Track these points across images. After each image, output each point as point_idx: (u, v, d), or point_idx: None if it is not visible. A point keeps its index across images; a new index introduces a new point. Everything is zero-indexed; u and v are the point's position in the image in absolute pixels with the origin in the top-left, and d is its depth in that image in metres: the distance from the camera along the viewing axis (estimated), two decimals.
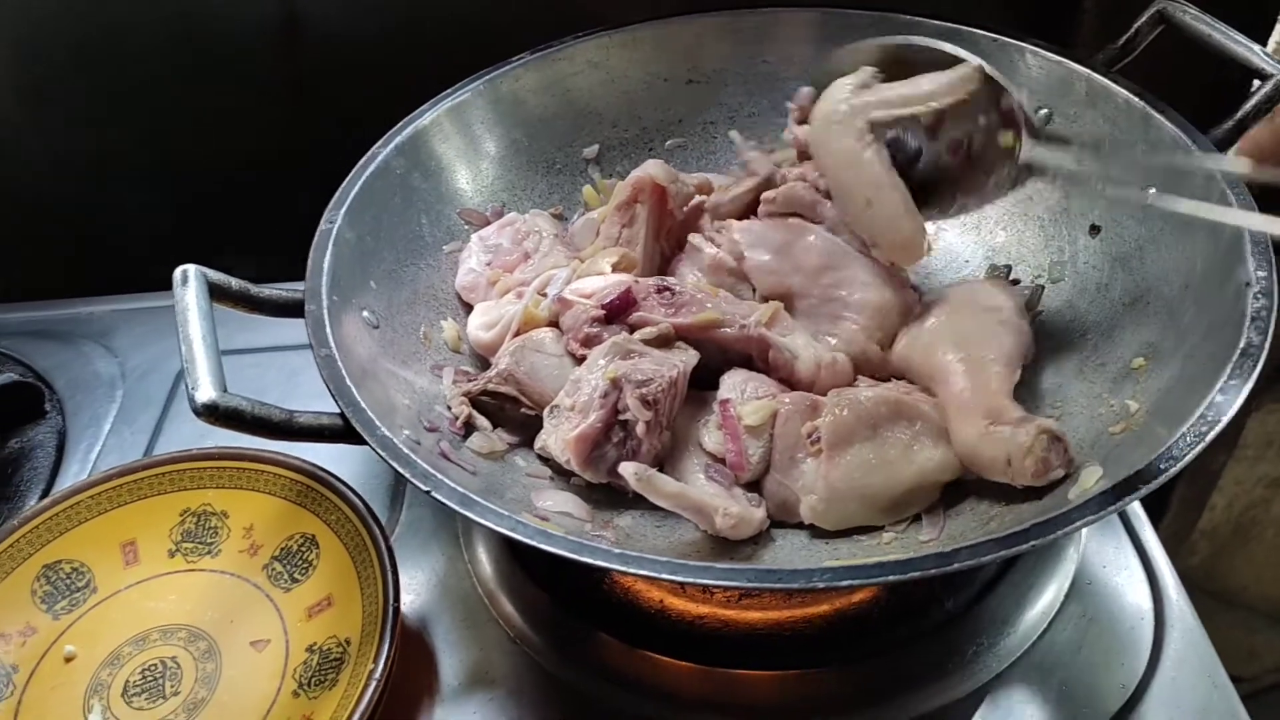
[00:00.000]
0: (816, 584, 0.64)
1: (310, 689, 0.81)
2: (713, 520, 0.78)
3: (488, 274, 1.00)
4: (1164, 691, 0.81)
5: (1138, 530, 0.92)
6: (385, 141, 1.00)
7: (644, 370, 0.83)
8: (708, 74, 1.13)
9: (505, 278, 0.99)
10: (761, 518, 0.81)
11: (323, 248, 0.89)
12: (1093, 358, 0.89)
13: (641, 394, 0.82)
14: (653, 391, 0.82)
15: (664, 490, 0.78)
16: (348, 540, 0.87)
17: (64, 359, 1.20)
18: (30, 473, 1.06)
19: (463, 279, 1.01)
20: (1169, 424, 0.71)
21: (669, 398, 0.84)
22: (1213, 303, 0.80)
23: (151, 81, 1.26)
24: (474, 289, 1.00)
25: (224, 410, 0.73)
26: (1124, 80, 0.94)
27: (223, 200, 1.33)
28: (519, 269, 0.99)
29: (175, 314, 0.78)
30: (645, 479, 0.78)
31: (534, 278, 0.96)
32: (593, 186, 1.11)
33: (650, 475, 0.78)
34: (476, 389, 0.88)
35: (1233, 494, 1.62)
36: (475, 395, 0.88)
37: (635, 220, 0.98)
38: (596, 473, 0.83)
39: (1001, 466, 0.78)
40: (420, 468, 0.73)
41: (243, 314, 0.86)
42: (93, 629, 0.87)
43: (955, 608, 0.87)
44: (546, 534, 0.68)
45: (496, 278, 0.99)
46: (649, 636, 0.86)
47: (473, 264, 1.01)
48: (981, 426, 0.80)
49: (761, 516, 0.81)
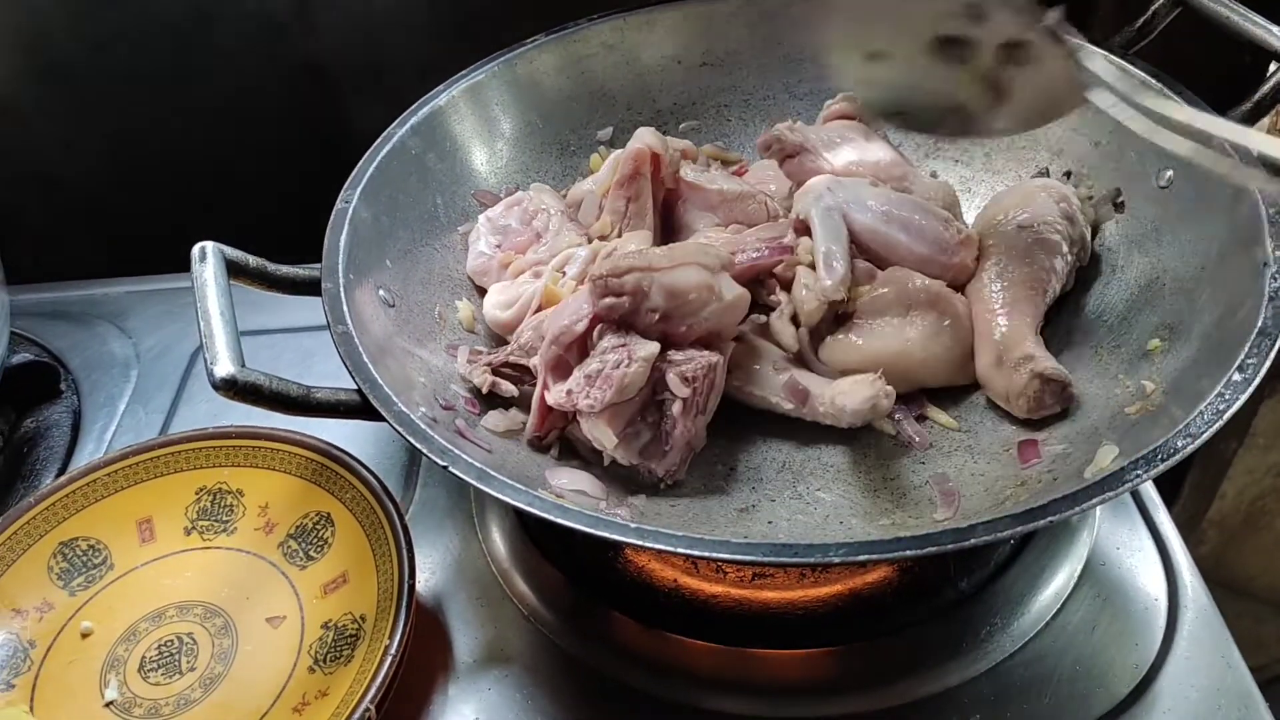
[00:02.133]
0: (832, 559, 0.65)
1: (326, 665, 0.81)
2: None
3: (499, 256, 1.00)
4: (1178, 672, 0.81)
5: (1151, 512, 0.92)
6: (401, 121, 1.00)
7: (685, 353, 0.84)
8: (722, 57, 1.13)
9: (518, 259, 0.99)
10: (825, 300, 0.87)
11: (339, 227, 0.89)
12: (1109, 339, 0.88)
13: (681, 371, 0.81)
14: (693, 369, 0.82)
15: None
16: (363, 518, 0.87)
17: (79, 339, 1.20)
18: (46, 452, 1.07)
19: (473, 263, 1.01)
20: (1185, 404, 0.71)
21: (707, 381, 0.83)
22: (1230, 284, 0.80)
23: (165, 63, 1.26)
24: (486, 272, 1.00)
25: (242, 385, 0.73)
26: (1141, 62, 0.94)
27: (236, 182, 1.33)
28: (531, 249, 0.99)
29: (194, 290, 0.79)
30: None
31: (549, 257, 0.96)
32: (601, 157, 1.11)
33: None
34: (499, 360, 0.88)
35: (1243, 483, 1.62)
36: (498, 367, 0.88)
37: (641, 194, 0.98)
38: (629, 451, 0.82)
39: (1003, 398, 0.86)
40: (437, 443, 0.73)
41: (255, 298, 0.87)
42: (109, 605, 0.87)
43: (969, 588, 0.87)
44: (564, 508, 0.69)
45: (509, 260, 0.99)
46: (663, 615, 0.87)
47: (482, 246, 1.01)
48: (993, 358, 0.87)
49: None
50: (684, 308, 0.83)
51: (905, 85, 0.91)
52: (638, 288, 0.82)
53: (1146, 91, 0.83)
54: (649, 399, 0.82)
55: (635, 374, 0.80)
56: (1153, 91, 0.89)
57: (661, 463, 0.83)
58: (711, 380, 0.84)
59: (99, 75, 1.28)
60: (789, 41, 1.12)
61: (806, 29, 1.11)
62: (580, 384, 0.81)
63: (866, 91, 0.97)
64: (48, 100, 1.29)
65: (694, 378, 0.82)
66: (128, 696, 0.82)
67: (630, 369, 0.80)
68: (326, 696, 0.79)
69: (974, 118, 0.90)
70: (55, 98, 1.29)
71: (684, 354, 0.83)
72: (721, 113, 1.15)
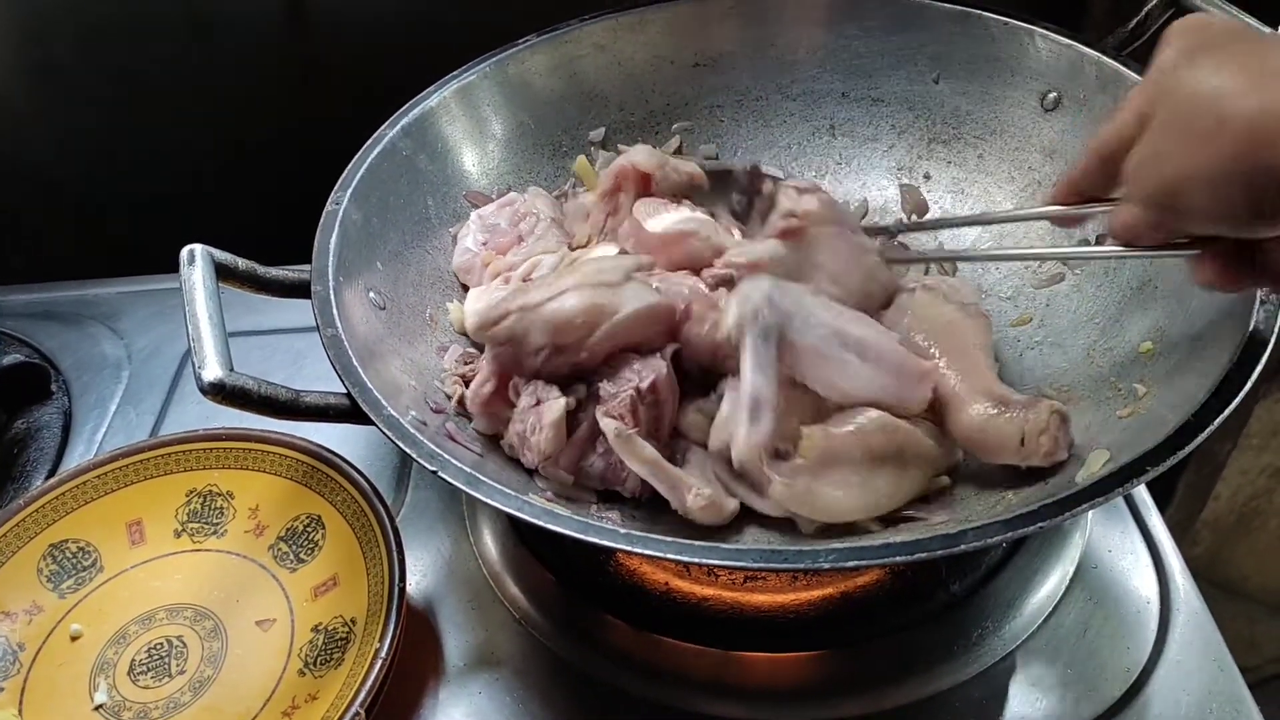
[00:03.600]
0: (822, 564, 0.64)
1: (316, 668, 0.81)
2: (684, 498, 0.77)
3: (482, 255, 0.99)
4: (1169, 675, 0.81)
5: (1144, 515, 0.92)
6: (392, 123, 0.99)
7: (605, 390, 0.81)
8: (715, 57, 1.13)
9: (497, 260, 0.98)
10: (734, 508, 0.79)
11: (329, 229, 0.89)
12: (1100, 342, 0.88)
13: (607, 409, 0.80)
14: (618, 405, 0.80)
15: (641, 455, 0.77)
16: (353, 521, 0.87)
17: (69, 340, 1.20)
18: (36, 453, 1.06)
19: (458, 259, 1.00)
20: (1177, 408, 0.71)
21: (645, 407, 0.81)
22: None
23: (158, 62, 1.26)
24: (469, 270, 1.00)
25: (230, 389, 0.73)
26: (1135, 64, 0.94)
27: (229, 183, 1.33)
28: (512, 251, 0.99)
29: (182, 293, 0.78)
30: (625, 438, 0.77)
31: (524, 261, 0.96)
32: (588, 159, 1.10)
33: (630, 436, 0.77)
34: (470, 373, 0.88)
35: (1237, 484, 1.62)
36: (468, 378, 0.87)
37: (620, 209, 0.97)
38: (589, 481, 0.83)
39: (1014, 446, 0.77)
40: (426, 447, 0.72)
41: (248, 297, 0.86)
42: (99, 608, 0.87)
43: (961, 591, 0.87)
44: (553, 514, 0.68)
45: (490, 259, 0.98)
46: (655, 619, 0.86)
47: (469, 244, 1.00)
48: (986, 409, 0.79)
49: (734, 507, 0.79)
50: (571, 336, 0.80)
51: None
52: (512, 332, 0.81)
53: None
54: (593, 432, 0.81)
55: (550, 439, 0.79)
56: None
57: (625, 486, 0.82)
58: (654, 399, 0.81)
59: (91, 75, 1.27)
60: (782, 42, 1.12)
61: (800, 29, 1.11)
62: (514, 443, 0.82)
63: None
64: (39, 99, 1.29)
65: (620, 415, 0.80)
66: (117, 700, 0.81)
67: (544, 435, 0.80)
68: (316, 700, 0.78)
69: None
70: (46, 96, 1.29)
71: (614, 384, 0.81)
72: (714, 113, 1.14)
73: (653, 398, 0.81)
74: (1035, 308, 0.96)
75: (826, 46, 1.10)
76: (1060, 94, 0.98)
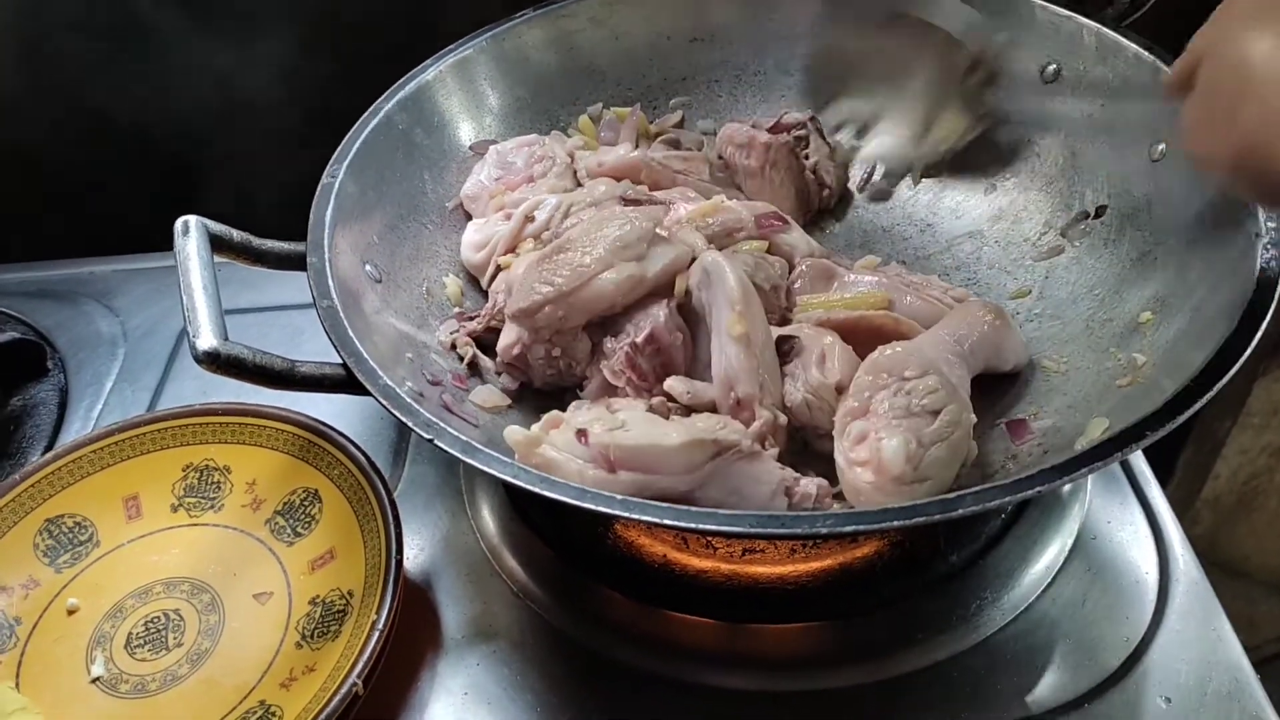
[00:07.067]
0: (820, 530, 0.64)
1: (313, 640, 0.81)
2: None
3: (491, 188, 1.00)
4: (1168, 644, 0.80)
5: (1143, 487, 0.92)
6: (388, 96, 0.99)
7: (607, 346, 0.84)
8: (712, 32, 1.13)
9: (505, 195, 0.99)
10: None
11: (325, 201, 0.89)
12: (1100, 312, 0.88)
13: (610, 365, 0.82)
14: (619, 362, 0.83)
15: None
16: (350, 494, 0.86)
17: (65, 318, 1.20)
18: (32, 430, 1.06)
19: (469, 187, 1.02)
20: (1176, 376, 0.71)
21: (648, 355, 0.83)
22: (1221, 255, 0.79)
23: (153, 41, 1.25)
24: (476, 199, 1.01)
25: (225, 358, 0.72)
26: (1134, 35, 0.93)
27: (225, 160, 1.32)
28: (520, 189, 0.99)
29: (177, 264, 0.78)
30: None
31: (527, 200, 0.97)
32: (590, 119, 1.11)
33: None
34: (480, 327, 0.88)
35: (1237, 463, 1.62)
36: (479, 334, 0.87)
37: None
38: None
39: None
40: (423, 417, 0.72)
41: (246, 273, 0.86)
42: (95, 582, 0.87)
43: (960, 562, 0.86)
44: (549, 481, 0.68)
45: (498, 193, 0.99)
46: (653, 591, 0.86)
47: (482, 176, 1.02)
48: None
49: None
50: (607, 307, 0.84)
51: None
52: (552, 320, 0.83)
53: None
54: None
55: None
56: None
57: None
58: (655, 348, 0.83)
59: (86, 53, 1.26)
60: (779, 17, 1.11)
61: (796, 3, 1.10)
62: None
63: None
64: (35, 77, 1.28)
65: (619, 371, 0.83)
66: (114, 673, 0.81)
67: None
68: (314, 672, 0.78)
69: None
70: (42, 74, 1.28)
71: (616, 339, 0.84)
72: (712, 88, 1.14)
73: (652, 347, 0.82)
74: (1034, 280, 0.96)
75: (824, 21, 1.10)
76: (1060, 64, 0.98)
